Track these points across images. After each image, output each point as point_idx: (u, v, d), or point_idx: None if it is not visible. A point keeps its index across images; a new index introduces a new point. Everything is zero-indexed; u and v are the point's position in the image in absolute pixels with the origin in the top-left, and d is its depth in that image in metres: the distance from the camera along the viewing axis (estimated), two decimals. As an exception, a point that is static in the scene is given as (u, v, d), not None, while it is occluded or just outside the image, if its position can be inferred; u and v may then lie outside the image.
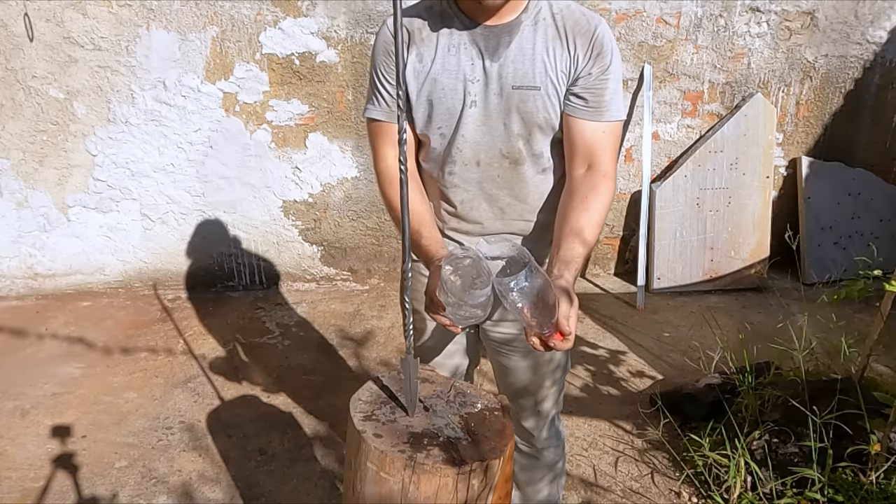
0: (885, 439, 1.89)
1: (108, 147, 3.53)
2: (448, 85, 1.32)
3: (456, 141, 1.35)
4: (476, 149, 1.36)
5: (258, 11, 3.36)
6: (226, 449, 2.44)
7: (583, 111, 1.32)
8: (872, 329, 2.24)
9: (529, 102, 1.31)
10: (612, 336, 3.25)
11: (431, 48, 1.32)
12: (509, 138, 1.35)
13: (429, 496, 1.01)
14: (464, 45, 1.31)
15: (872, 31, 3.64)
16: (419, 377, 1.18)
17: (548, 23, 1.31)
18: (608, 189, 1.33)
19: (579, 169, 1.35)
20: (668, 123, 3.74)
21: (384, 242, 3.83)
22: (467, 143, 1.35)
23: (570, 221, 1.29)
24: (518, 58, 1.30)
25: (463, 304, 1.14)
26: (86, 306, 3.58)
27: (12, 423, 2.59)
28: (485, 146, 1.36)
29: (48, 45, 3.33)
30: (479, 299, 1.13)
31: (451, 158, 1.38)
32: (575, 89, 1.31)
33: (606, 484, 2.26)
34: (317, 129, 3.59)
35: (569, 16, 1.31)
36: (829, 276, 3.69)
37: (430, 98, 1.33)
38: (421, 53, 1.32)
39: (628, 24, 3.49)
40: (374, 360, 3.05)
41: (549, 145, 1.38)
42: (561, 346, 1.13)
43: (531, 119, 1.33)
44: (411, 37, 1.33)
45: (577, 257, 1.25)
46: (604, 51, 1.30)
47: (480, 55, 1.30)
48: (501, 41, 1.30)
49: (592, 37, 1.29)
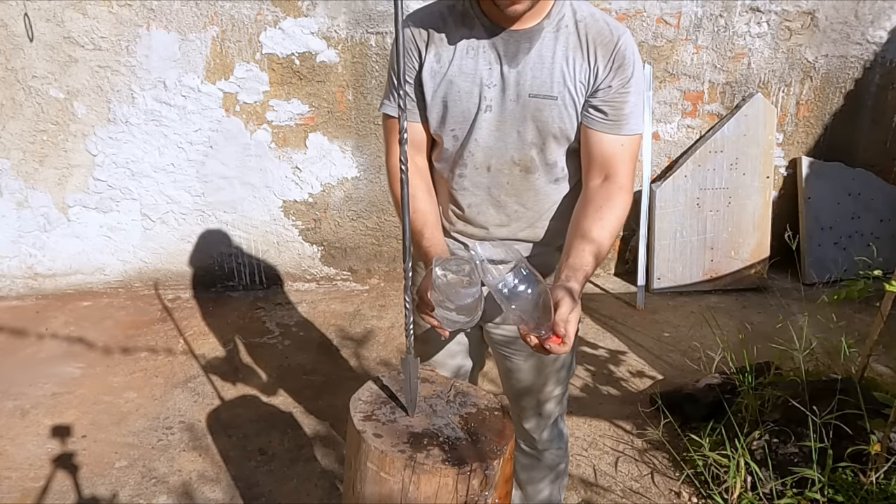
0: (885, 439, 1.89)
1: (108, 147, 3.53)
2: (464, 88, 1.30)
3: (468, 144, 1.34)
4: (488, 154, 1.35)
5: (258, 11, 3.36)
6: (226, 449, 2.44)
7: (602, 124, 1.29)
8: (872, 329, 2.24)
9: (545, 111, 1.29)
10: (612, 336, 3.25)
11: (450, 49, 1.30)
12: (522, 146, 1.33)
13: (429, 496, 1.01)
14: (483, 48, 1.29)
15: (872, 31, 3.64)
16: (419, 377, 1.18)
17: (570, 31, 1.28)
18: (623, 201, 1.31)
19: (595, 180, 1.33)
20: (669, 123, 3.74)
21: (384, 242, 3.83)
22: (480, 147, 1.34)
23: (582, 230, 1.27)
24: (537, 65, 1.27)
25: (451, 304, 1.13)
26: (86, 306, 3.58)
27: (12, 423, 2.59)
28: (497, 152, 1.34)
29: (48, 45, 3.33)
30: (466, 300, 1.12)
31: (462, 161, 1.37)
32: (594, 101, 1.29)
33: (606, 484, 2.26)
34: (317, 129, 3.59)
35: (592, 25, 1.28)
36: (829, 276, 3.69)
37: (446, 100, 1.32)
38: (439, 53, 1.31)
39: (628, 24, 3.49)
40: (374, 360, 3.05)
41: (563, 155, 1.36)
42: (557, 349, 1.11)
43: (546, 128, 1.31)
44: (430, 36, 1.31)
45: (587, 265, 1.22)
46: (625, 63, 1.27)
47: (499, 60, 1.28)
48: (521, 47, 1.27)
49: (615, 49, 1.26)
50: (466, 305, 1.14)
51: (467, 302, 1.13)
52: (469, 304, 1.13)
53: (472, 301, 1.13)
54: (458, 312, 1.15)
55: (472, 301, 1.13)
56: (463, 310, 1.15)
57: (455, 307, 1.14)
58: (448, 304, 1.14)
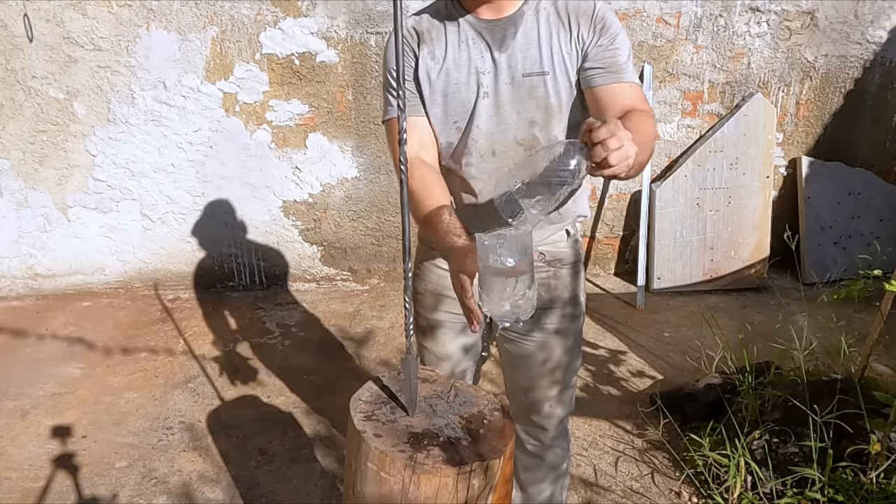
0: (885, 439, 1.89)
1: (108, 147, 3.53)
2: (461, 79, 1.36)
3: (471, 132, 1.38)
4: (491, 139, 1.38)
5: (258, 11, 3.36)
6: (226, 449, 2.44)
7: (603, 76, 1.33)
8: (872, 329, 2.24)
9: (540, 88, 1.34)
10: (612, 336, 3.25)
11: (442, 46, 1.37)
12: (523, 126, 1.37)
13: (429, 496, 1.01)
14: (472, 39, 1.35)
15: (872, 31, 3.64)
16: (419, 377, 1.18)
17: (549, 10, 1.35)
18: (651, 119, 1.28)
19: None
20: (668, 123, 3.74)
21: (384, 242, 3.83)
22: (482, 133, 1.38)
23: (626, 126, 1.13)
24: (525, 46, 1.33)
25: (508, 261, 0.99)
26: (86, 306, 3.58)
27: (12, 423, 2.59)
28: (499, 136, 1.38)
29: (48, 45, 3.33)
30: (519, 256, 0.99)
31: (467, 150, 1.40)
32: (589, 63, 1.33)
33: (606, 484, 2.26)
34: (317, 129, 3.59)
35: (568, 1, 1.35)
36: (829, 276, 3.69)
37: (446, 93, 1.37)
38: (433, 51, 1.37)
39: (628, 24, 3.49)
40: (374, 360, 3.05)
41: (563, 131, 1.39)
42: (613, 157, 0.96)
43: (543, 104, 1.35)
44: (421, 37, 1.38)
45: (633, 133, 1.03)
46: (607, 23, 1.33)
47: (488, 47, 1.35)
48: (507, 32, 1.34)
49: (594, 14, 1.33)
50: (522, 262, 1.00)
51: (521, 260, 0.99)
52: (524, 261, 1.00)
53: (526, 257, 1.00)
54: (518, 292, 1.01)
55: (526, 257, 1.00)
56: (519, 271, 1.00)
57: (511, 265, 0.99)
58: (504, 261, 1.00)
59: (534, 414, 1.65)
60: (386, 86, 1.44)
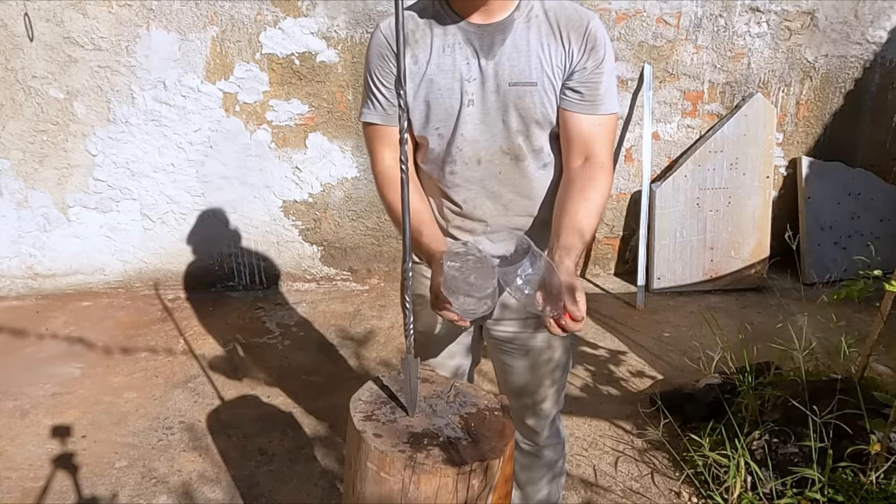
0: (885, 439, 1.89)
1: (108, 147, 3.53)
2: (445, 85, 1.32)
3: (455, 140, 1.35)
4: (476, 147, 1.36)
5: (258, 11, 3.36)
6: (226, 449, 2.44)
7: (579, 105, 1.32)
8: (872, 329, 2.24)
9: (527, 98, 1.31)
10: (612, 336, 3.25)
11: (426, 49, 1.32)
12: (509, 134, 1.35)
13: (429, 496, 1.01)
14: (458, 44, 1.31)
15: (872, 31, 3.64)
16: (419, 377, 1.18)
17: (541, 20, 1.31)
18: (605, 180, 1.33)
19: (577, 161, 1.35)
20: (668, 123, 3.74)
21: (384, 242, 3.83)
22: (467, 141, 1.35)
23: (568, 211, 1.29)
24: (513, 54, 1.30)
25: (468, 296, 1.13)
26: (86, 306, 3.58)
27: (12, 423, 2.59)
28: (485, 144, 1.36)
29: (48, 45, 3.33)
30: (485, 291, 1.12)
31: (451, 158, 1.38)
32: (570, 84, 1.32)
33: (606, 484, 2.26)
34: (317, 129, 3.59)
35: (561, 12, 1.32)
36: (829, 276, 3.69)
37: (428, 99, 1.33)
38: (416, 55, 1.32)
39: (628, 24, 3.49)
40: (374, 360, 3.05)
41: (548, 140, 1.38)
42: (573, 326, 1.15)
43: (529, 115, 1.33)
44: (405, 39, 1.32)
45: (577, 245, 1.25)
46: (597, 45, 1.31)
47: (475, 54, 1.30)
48: (496, 39, 1.30)
49: (586, 31, 1.30)
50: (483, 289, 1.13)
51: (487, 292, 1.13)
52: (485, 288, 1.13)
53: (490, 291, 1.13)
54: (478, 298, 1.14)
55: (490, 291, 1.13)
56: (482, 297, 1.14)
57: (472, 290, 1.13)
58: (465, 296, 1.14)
59: (528, 417, 1.66)
60: (366, 86, 1.40)
